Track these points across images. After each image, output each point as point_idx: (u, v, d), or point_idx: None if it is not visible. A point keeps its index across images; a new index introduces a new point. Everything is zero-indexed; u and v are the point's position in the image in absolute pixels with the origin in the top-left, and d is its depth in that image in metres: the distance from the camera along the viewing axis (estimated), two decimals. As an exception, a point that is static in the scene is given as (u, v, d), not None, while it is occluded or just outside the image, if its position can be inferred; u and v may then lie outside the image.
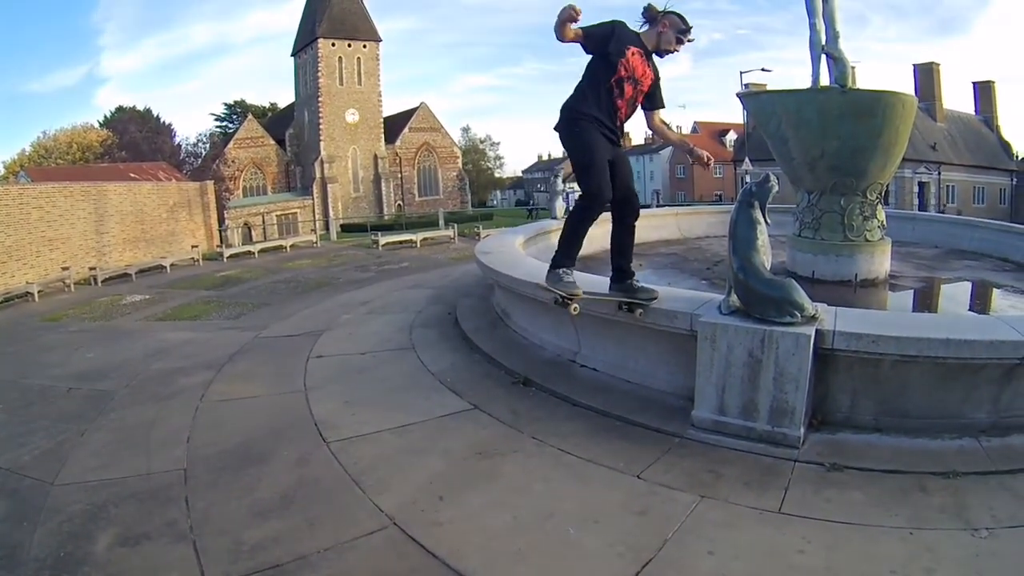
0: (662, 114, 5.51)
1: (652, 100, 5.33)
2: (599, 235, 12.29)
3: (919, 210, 40.11)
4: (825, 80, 8.52)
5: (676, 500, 4.01)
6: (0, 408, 7.26)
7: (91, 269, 22.56)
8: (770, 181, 4.89)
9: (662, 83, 5.32)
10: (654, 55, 5.23)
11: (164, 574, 3.80)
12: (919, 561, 3.36)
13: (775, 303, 4.59)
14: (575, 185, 5.39)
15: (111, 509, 4.60)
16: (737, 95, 12.18)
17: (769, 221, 4.91)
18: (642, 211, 5.71)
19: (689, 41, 5.16)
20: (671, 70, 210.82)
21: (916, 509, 3.81)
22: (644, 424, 5.08)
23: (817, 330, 4.51)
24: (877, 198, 8.58)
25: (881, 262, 8.63)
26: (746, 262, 4.76)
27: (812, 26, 8.44)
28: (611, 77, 5.02)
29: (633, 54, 5.03)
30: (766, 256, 4.83)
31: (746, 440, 4.60)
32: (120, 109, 68.38)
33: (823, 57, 8.48)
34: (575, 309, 5.07)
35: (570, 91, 5.15)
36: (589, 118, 5.08)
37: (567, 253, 5.23)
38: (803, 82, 8.82)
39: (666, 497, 4.05)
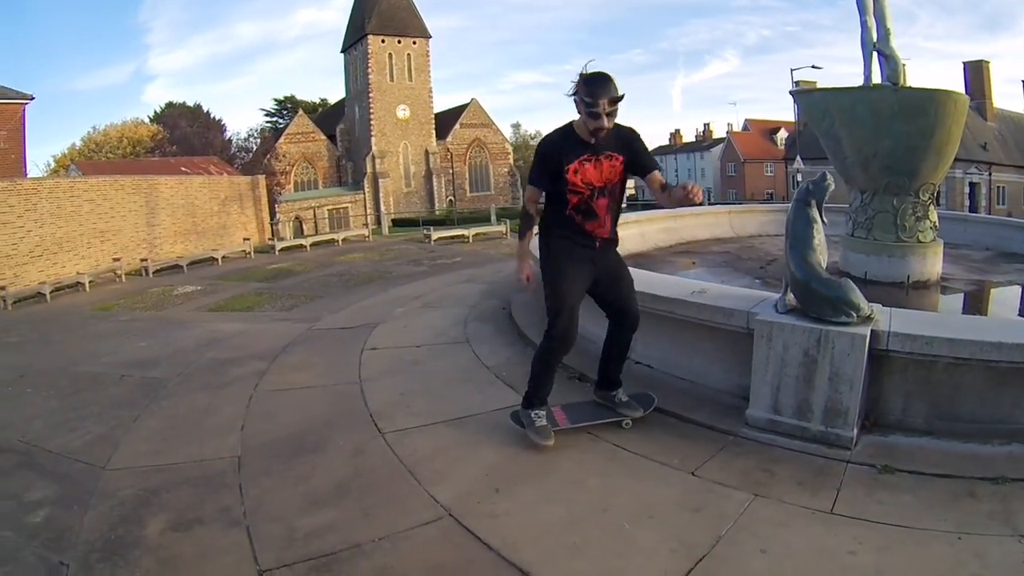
0: (659, 175, 4.55)
1: (637, 169, 4.59)
2: (651, 232, 12.23)
3: (970, 211, 39.28)
4: (877, 78, 8.38)
5: (730, 498, 4.00)
6: (51, 394, 7.42)
7: (142, 260, 23.10)
8: (827, 180, 4.80)
9: (641, 142, 4.58)
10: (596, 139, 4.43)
11: (217, 559, 3.83)
12: (967, 566, 3.30)
13: (831, 303, 4.52)
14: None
15: (163, 494, 4.65)
16: (790, 93, 12.08)
17: (826, 220, 4.84)
18: (694, 208, 5.54)
19: (611, 108, 4.24)
20: (720, 67, 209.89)
21: (965, 514, 3.73)
22: (698, 422, 5.06)
23: (872, 330, 4.44)
24: (929, 198, 8.39)
25: (933, 264, 8.44)
26: (803, 261, 4.69)
27: (863, 23, 8.31)
28: (568, 207, 4.59)
29: (580, 165, 4.43)
30: (822, 255, 4.77)
31: (799, 440, 4.57)
32: (170, 105, 69.94)
33: (875, 55, 8.34)
34: (549, 443, 4.78)
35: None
36: (561, 236, 4.73)
37: (537, 392, 4.86)
38: (852, 80, 8.68)
39: (720, 494, 4.04)
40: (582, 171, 4.42)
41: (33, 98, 28.31)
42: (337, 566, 3.65)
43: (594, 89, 4.19)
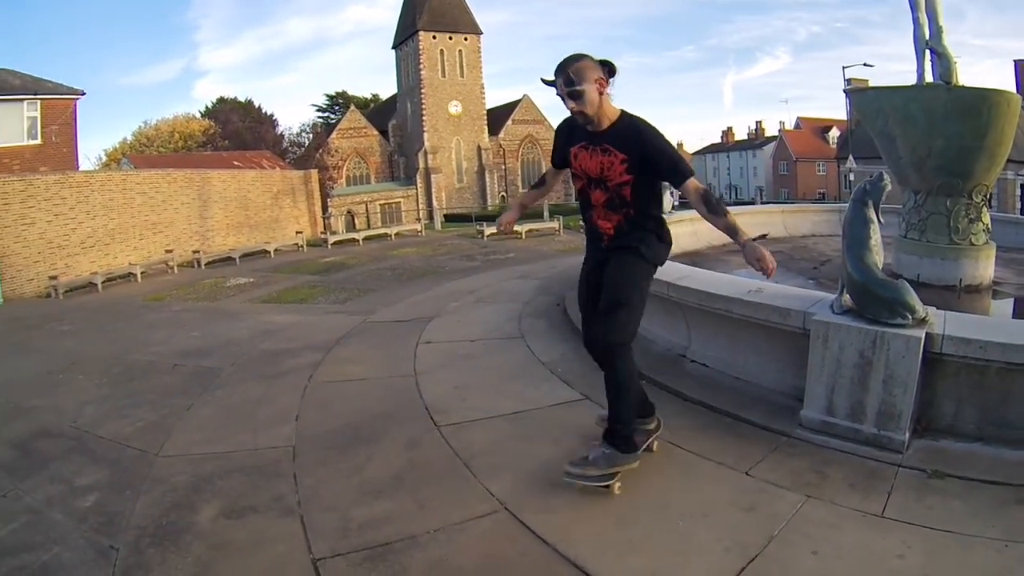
0: (695, 181, 4.00)
1: (659, 174, 4.10)
2: (705, 230, 12.22)
3: (1021, 214, 38.33)
4: (930, 77, 8.17)
5: (783, 498, 4.02)
6: (103, 382, 7.52)
7: (194, 252, 23.52)
8: (884, 180, 4.78)
9: (656, 142, 4.03)
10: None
11: (270, 546, 3.83)
12: (1013, 573, 3.27)
13: (887, 304, 4.48)
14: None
15: (216, 481, 4.67)
16: (844, 91, 11.91)
17: (882, 220, 4.80)
18: (746, 208, 5.38)
19: (567, 90, 3.90)
20: (770, 65, 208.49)
21: (1013, 521, 3.68)
22: (753, 422, 5.04)
23: (927, 333, 4.38)
24: (982, 200, 8.17)
25: (985, 267, 8.22)
26: (860, 261, 4.67)
27: (915, 20, 8.14)
28: (576, 192, 4.36)
29: (579, 151, 4.18)
30: (878, 256, 4.73)
31: (852, 442, 4.57)
32: (221, 100, 71.13)
33: (927, 52, 8.14)
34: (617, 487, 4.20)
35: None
36: (584, 227, 4.54)
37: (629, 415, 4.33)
38: (903, 79, 8.48)
39: (773, 495, 4.06)
40: (580, 157, 4.18)
41: (84, 93, 28.96)
42: (392, 557, 3.64)
43: (555, 71, 3.95)
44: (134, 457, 5.24)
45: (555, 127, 4.54)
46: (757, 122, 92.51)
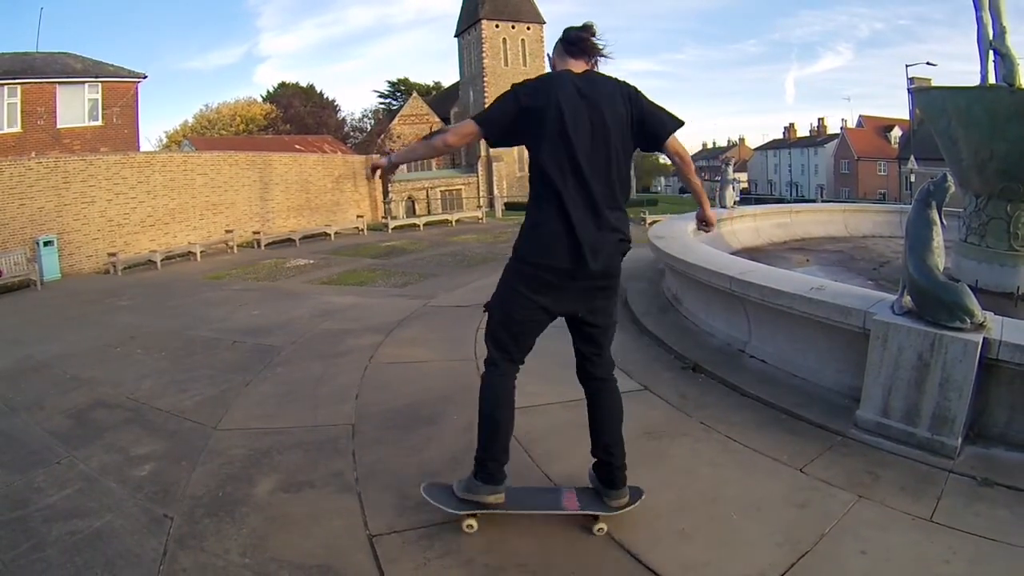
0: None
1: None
2: (766, 227, 12.15)
3: None
4: (993, 78, 7.93)
5: (835, 497, 4.05)
6: (162, 356, 7.67)
7: (254, 233, 23.87)
8: (947, 181, 4.72)
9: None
10: None
11: (326, 521, 3.88)
12: None
13: (947, 307, 4.48)
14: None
15: (275, 456, 4.74)
16: (909, 90, 11.63)
17: (945, 223, 4.76)
18: (809, 206, 5.24)
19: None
20: (832, 61, 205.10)
21: None
22: (809, 419, 5.10)
23: (984, 338, 4.36)
24: None
25: None
26: (921, 263, 4.65)
27: (979, 19, 7.91)
28: None
29: None
30: (940, 258, 4.70)
31: (905, 445, 4.59)
32: (283, 85, 71.98)
33: (991, 53, 7.90)
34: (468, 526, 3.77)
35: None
36: None
37: None
38: (963, 79, 8.23)
39: (826, 493, 4.10)
40: None
41: (146, 77, 29.78)
42: (448, 536, 3.67)
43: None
44: (191, 429, 5.34)
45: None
46: (819, 119, 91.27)
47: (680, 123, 3.67)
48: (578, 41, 3.66)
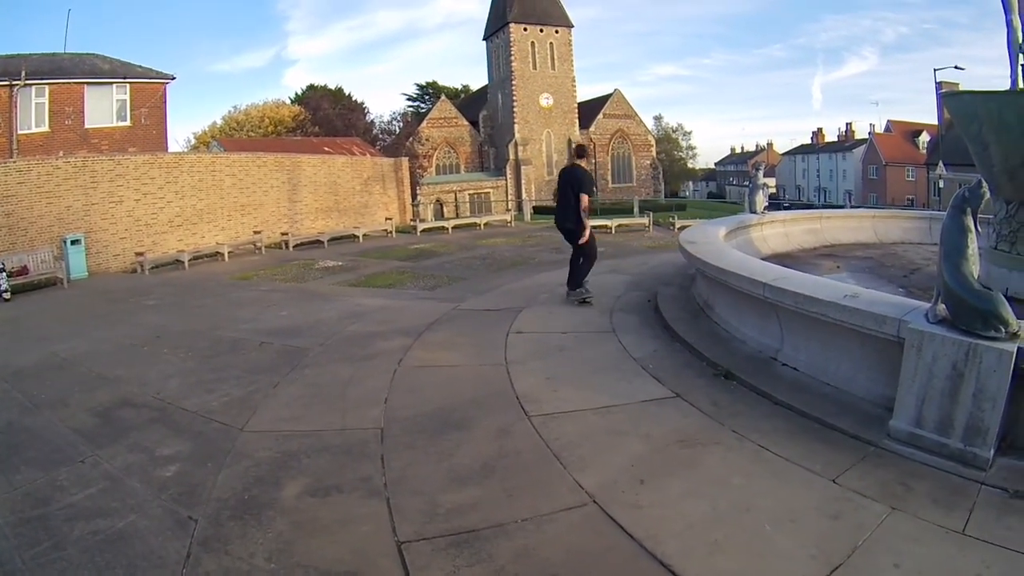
0: None
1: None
2: (796, 232, 12.19)
3: None
4: (1022, 82, 7.76)
5: (868, 509, 4.03)
6: (188, 356, 7.70)
7: (283, 234, 23.98)
8: (983, 187, 4.70)
9: None
10: None
11: (354, 526, 3.86)
12: None
13: (982, 315, 4.44)
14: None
15: (302, 459, 4.72)
16: (939, 94, 11.47)
17: (979, 230, 4.73)
18: (838, 212, 5.26)
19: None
20: (858, 65, 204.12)
21: None
22: (842, 429, 5.06)
23: (1018, 348, 4.28)
24: None
25: None
26: (956, 271, 4.63)
27: (1008, 23, 7.78)
28: None
29: None
30: (975, 265, 4.67)
31: (938, 456, 4.54)
32: (311, 87, 72.36)
33: (1021, 56, 7.74)
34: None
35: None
36: None
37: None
38: (987, 83, 8.09)
39: (859, 504, 4.08)
40: None
41: (174, 78, 30.11)
42: (478, 544, 3.65)
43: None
44: (218, 431, 5.34)
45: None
46: (847, 124, 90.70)
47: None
48: None
